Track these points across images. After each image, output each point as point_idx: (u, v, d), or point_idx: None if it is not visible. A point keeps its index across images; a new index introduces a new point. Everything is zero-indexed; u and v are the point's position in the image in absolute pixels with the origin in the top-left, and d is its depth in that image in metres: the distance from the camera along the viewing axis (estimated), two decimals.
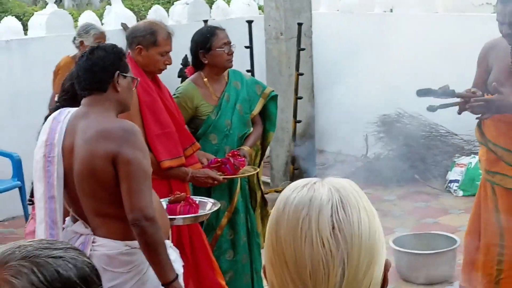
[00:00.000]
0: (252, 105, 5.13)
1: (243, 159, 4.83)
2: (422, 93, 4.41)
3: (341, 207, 1.35)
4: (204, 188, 4.81)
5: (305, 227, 1.33)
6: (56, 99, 4.02)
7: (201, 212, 4.15)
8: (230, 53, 4.93)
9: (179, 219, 4.01)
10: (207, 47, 4.88)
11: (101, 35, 6.84)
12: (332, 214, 1.34)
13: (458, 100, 4.39)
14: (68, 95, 3.82)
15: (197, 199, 4.25)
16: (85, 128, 3.36)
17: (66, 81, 3.89)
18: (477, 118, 4.57)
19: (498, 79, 4.47)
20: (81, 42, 6.74)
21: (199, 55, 4.92)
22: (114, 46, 3.53)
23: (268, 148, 6.33)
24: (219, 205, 4.34)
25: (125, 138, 3.29)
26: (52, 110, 3.85)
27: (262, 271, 1.46)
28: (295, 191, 1.39)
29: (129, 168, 3.27)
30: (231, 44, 4.95)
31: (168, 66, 4.57)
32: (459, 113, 4.44)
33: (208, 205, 4.26)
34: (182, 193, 4.17)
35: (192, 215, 4.09)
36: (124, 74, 3.48)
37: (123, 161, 3.27)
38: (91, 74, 3.43)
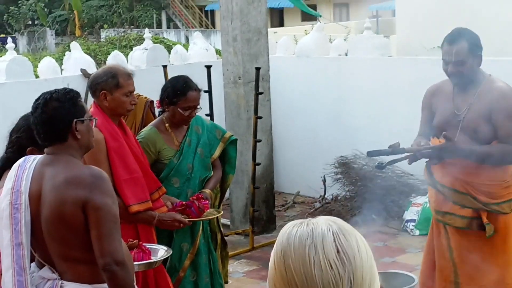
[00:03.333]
0: (212, 149, 5.22)
1: (207, 202, 4.92)
2: (373, 154, 4.54)
3: (341, 233, 1.50)
4: (167, 231, 4.88)
5: (312, 253, 1.46)
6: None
7: (153, 258, 4.22)
8: (190, 116, 5.01)
9: (135, 265, 4.07)
10: (173, 101, 4.96)
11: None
12: (335, 239, 1.48)
13: (406, 154, 4.55)
14: (14, 148, 3.83)
15: (148, 246, 4.31)
16: (53, 175, 3.38)
17: (13, 133, 3.88)
18: (426, 162, 4.73)
19: (441, 122, 4.64)
20: None
21: (163, 101, 5.02)
22: (67, 93, 3.47)
23: (228, 190, 6.38)
24: (171, 251, 4.40)
25: (95, 184, 3.33)
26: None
27: None
28: (294, 227, 1.53)
29: (99, 214, 3.31)
30: (197, 107, 5.01)
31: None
32: (409, 163, 4.61)
33: (160, 251, 4.33)
34: (135, 240, 4.22)
35: (146, 261, 4.16)
36: (82, 119, 3.46)
37: (93, 207, 3.31)
38: (49, 128, 3.42)
